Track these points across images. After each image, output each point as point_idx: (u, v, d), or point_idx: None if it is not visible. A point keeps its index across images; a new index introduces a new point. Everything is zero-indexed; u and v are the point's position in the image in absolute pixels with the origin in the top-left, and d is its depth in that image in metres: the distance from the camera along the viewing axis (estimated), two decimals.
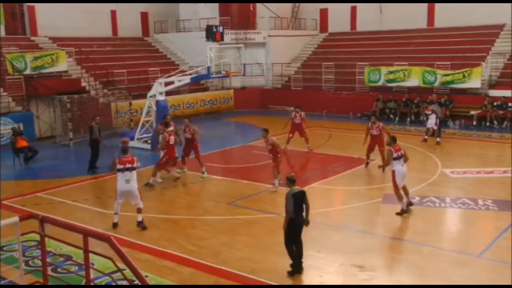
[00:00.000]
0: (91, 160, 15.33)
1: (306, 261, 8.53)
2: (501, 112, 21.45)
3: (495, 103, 21.69)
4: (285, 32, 31.14)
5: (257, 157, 16.68)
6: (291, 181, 8.34)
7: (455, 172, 14.32)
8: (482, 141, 18.53)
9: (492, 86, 23.16)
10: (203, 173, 14.40)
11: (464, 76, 22.75)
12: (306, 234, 10.04)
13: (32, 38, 25.76)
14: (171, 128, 14.17)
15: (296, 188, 8.26)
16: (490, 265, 8.61)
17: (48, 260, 7.09)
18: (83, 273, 6.52)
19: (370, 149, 14.93)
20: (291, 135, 17.63)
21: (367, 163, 15.03)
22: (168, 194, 13.12)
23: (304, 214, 8.26)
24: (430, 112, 18.60)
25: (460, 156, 16.39)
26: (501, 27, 26.08)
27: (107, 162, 11.61)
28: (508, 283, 7.82)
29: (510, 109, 21.35)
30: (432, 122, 18.35)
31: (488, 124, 21.59)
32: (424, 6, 28.81)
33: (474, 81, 22.57)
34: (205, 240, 9.77)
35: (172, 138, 13.68)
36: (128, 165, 10.27)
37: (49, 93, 20.88)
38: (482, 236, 9.98)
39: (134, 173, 10.36)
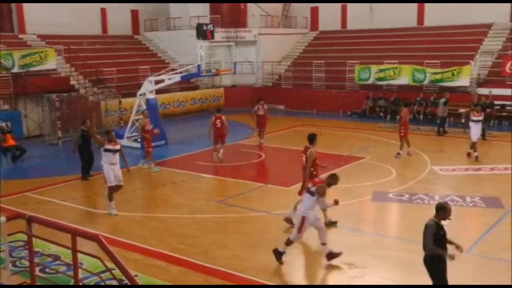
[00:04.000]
0: (82, 166, 14.23)
1: (295, 260, 8.54)
2: (488, 110, 21.57)
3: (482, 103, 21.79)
4: (276, 30, 31.19)
5: (246, 155, 16.68)
6: (438, 209, 6.57)
7: (444, 170, 14.44)
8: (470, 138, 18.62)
9: (480, 84, 23.34)
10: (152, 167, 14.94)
11: (453, 75, 22.96)
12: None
13: (20, 35, 25.51)
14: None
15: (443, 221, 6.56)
16: (477, 261, 8.69)
17: (35, 260, 7.01)
18: (71, 273, 6.46)
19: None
20: (258, 128, 18.11)
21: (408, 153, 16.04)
22: (157, 192, 13.08)
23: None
24: (482, 118, 15.63)
25: (449, 154, 16.53)
26: (489, 26, 26.29)
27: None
28: (495, 278, 7.90)
29: (496, 107, 21.54)
30: (478, 132, 15.65)
31: None
32: (414, 5, 28.97)
33: (463, 80, 22.78)
34: (195, 238, 9.75)
35: None
36: None
37: (37, 91, 20.70)
38: (470, 232, 10.07)
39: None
